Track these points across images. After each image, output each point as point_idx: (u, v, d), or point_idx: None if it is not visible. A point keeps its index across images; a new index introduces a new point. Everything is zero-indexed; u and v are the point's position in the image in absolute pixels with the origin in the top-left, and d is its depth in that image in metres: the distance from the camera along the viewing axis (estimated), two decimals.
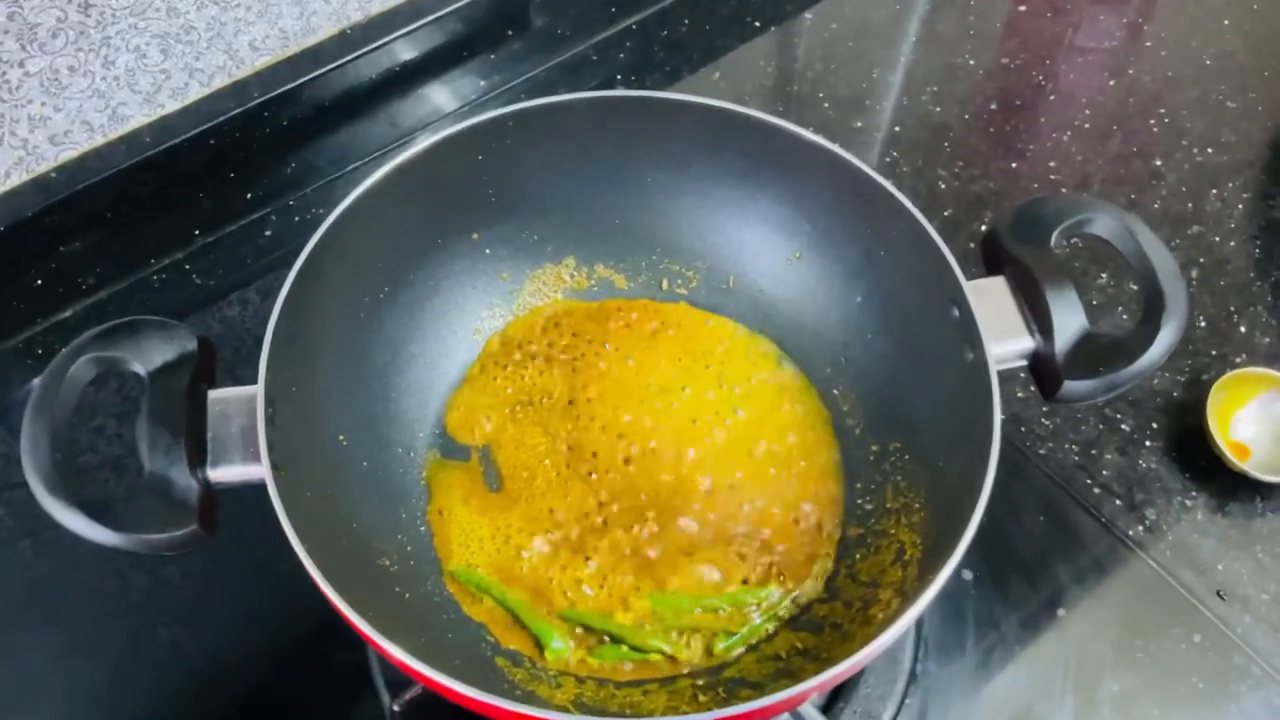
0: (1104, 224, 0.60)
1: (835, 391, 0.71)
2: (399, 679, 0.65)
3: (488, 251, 0.73)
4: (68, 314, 0.83)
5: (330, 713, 0.68)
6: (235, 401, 0.55)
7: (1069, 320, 0.57)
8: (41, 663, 0.68)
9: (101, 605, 0.70)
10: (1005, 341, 0.58)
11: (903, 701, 0.66)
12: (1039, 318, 0.58)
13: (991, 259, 0.62)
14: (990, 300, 0.59)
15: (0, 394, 0.80)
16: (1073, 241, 0.71)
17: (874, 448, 0.67)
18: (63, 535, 0.72)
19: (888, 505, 0.64)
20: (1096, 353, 0.57)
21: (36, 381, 0.54)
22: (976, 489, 0.52)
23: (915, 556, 0.59)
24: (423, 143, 0.65)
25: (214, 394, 0.56)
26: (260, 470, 0.53)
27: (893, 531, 0.62)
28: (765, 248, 0.73)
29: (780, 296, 0.73)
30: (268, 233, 0.88)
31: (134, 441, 0.54)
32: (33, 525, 0.73)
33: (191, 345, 0.56)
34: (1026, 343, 0.59)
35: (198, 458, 0.53)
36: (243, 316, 0.84)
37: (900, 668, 0.67)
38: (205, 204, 0.89)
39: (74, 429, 0.56)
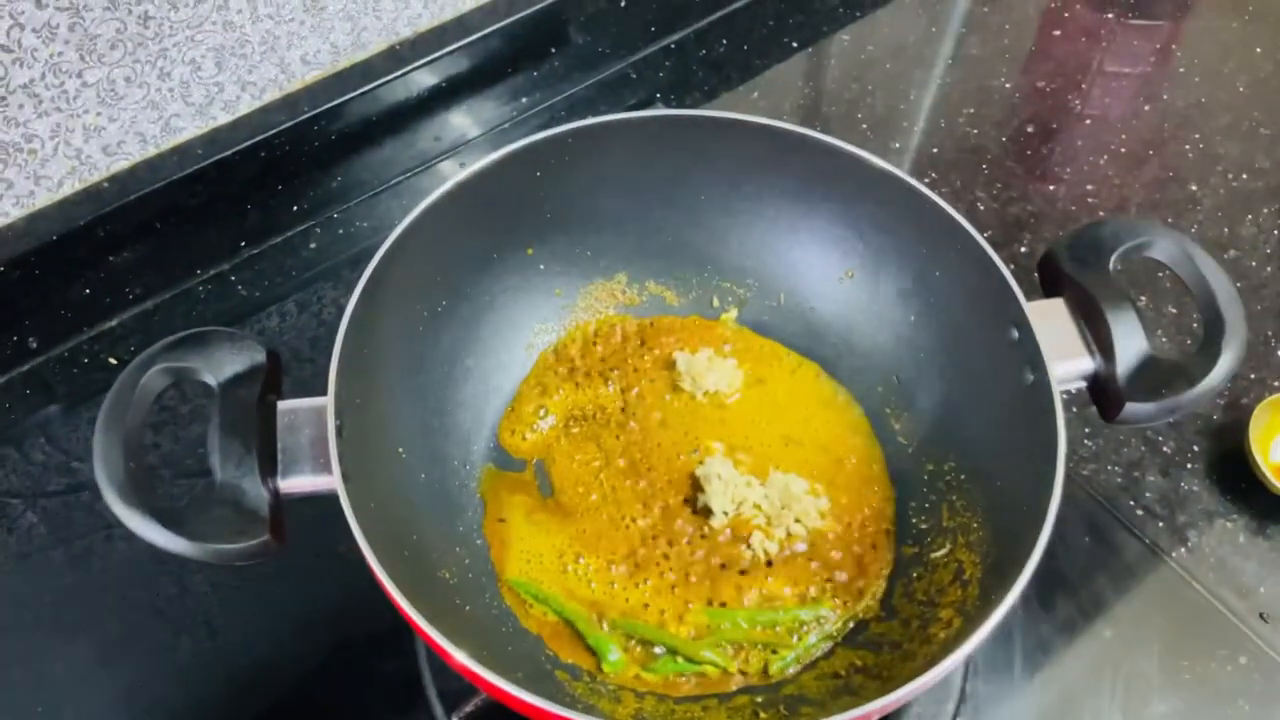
0: (1163, 248, 0.61)
1: (887, 410, 0.71)
2: (453, 691, 0.65)
3: (542, 267, 0.73)
4: (114, 323, 0.83)
5: None
6: (304, 413, 0.56)
7: (1130, 343, 0.58)
8: (74, 671, 0.68)
9: (135, 614, 0.70)
10: (1066, 363, 0.59)
11: None
12: (1099, 340, 0.59)
13: (1049, 281, 0.63)
14: (1050, 322, 0.60)
15: (42, 402, 0.80)
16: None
17: (929, 467, 0.67)
18: (94, 544, 0.72)
19: (944, 524, 0.64)
20: (1158, 376, 0.58)
21: (109, 392, 0.54)
22: (1041, 510, 0.53)
23: (975, 576, 0.59)
24: (484, 160, 0.65)
25: (283, 405, 0.56)
26: (331, 480, 0.53)
27: (950, 550, 0.63)
28: (817, 266, 0.73)
29: (831, 315, 0.73)
30: (312, 245, 0.89)
31: (198, 452, 0.54)
32: (65, 533, 0.73)
33: (261, 357, 0.56)
34: (1087, 364, 0.59)
35: (269, 468, 0.54)
36: (281, 329, 0.84)
37: (951, 687, 0.67)
38: (252, 216, 0.89)
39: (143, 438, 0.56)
